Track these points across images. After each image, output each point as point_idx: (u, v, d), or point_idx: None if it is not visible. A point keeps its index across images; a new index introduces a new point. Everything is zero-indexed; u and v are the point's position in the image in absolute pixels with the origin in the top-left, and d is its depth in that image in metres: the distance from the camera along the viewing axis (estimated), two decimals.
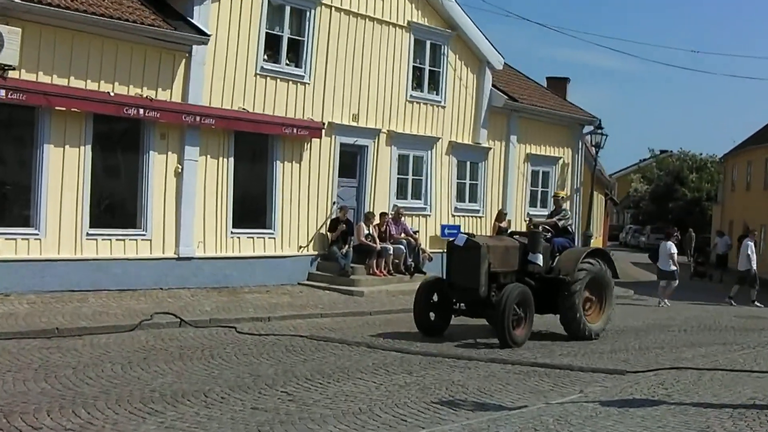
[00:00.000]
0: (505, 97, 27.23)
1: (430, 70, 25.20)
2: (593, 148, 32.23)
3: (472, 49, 26.01)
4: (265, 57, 20.87)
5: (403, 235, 23.31)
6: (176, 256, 19.14)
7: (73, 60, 17.21)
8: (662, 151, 78.92)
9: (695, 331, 18.68)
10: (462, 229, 25.83)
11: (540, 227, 16.98)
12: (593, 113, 31.58)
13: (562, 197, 18.52)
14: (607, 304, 16.93)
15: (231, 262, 20.23)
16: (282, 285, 20.96)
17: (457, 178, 26.33)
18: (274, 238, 21.18)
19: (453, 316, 16.20)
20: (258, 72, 20.66)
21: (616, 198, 65.19)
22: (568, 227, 17.82)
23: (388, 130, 23.89)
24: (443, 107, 25.61)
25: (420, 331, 15.71)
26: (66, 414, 8.77)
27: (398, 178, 24.48)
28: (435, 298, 16.17)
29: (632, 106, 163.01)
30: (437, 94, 25.48)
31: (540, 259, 15.99)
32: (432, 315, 16.09)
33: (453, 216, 25.95)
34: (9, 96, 15.99)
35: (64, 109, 17.02)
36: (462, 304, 15.93)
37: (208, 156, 19.72)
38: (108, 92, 17.63)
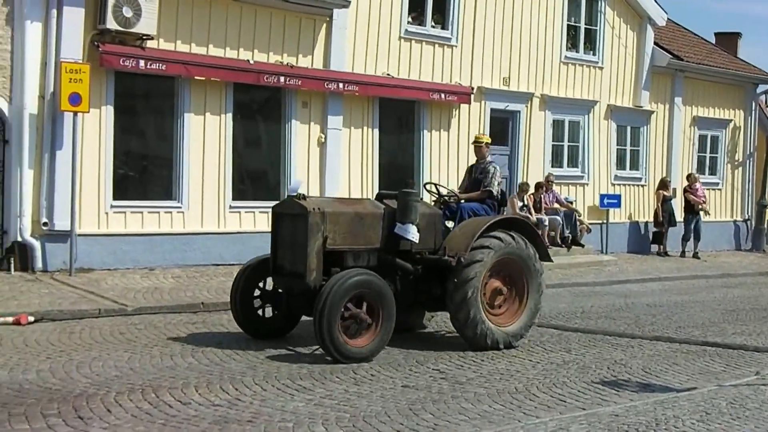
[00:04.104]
0: (669, 55, 26.49)
1: (585, 28, 24.73)
2: None
3: (631, 4, 25.40)
4: (410, 19, 20.90)
5: (556, 205, 23.13)
6: None
7: (211, 28, 17.64)
8: None
9: None
10: (622, 200, 25.49)
11: (437, 189, 13.45)
12: None
13: (486, 143, 13.84)
14: (530, 297, 12.38)
15: None
16: None
17: (617, 144, 25.83)
18: None
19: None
20: (402, 35, 20.71)
21: None
22: (494, 190, 13.26)
23: (541, 94, 23.60)
24: (601, 68, 25.13)
25: (244, 332, 11.94)
26: (214, 390, 9.03)
27: (553, 145, 24.19)
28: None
29: None
30: (594, 54, 25.02)
31: (412, 233, 11.48)
32: (264, 309, 12.11)
33: (613, 184, 25.48)
34: (148, 66, 16.52)
35: (203, 78, 17.49)
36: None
37: (352, 124, 19.97)
38: (248, 60, 18.02)
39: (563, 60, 24.14)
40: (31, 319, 12.36)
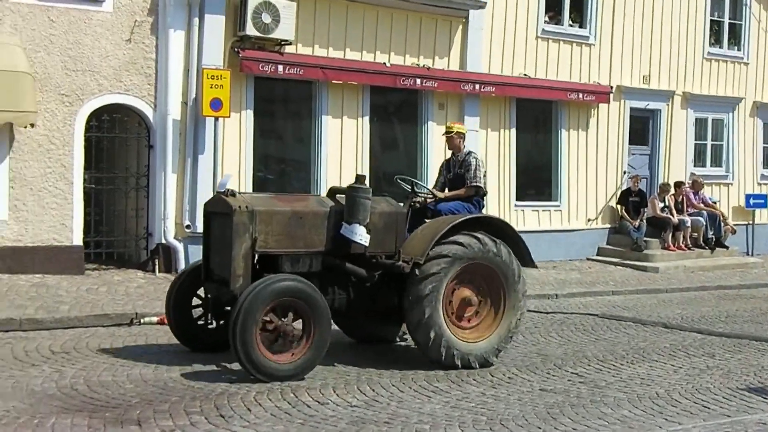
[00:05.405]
0: None
1: (730, 23, 24.15)
2: None
3: None
4: (546, 18, 20.73)
5: (701, 205, 22.62)
6: None
7: (348, 32, 17.82)
8: None
9: None
10: None
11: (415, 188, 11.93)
12: None
13: (458, 132, 12.45)
14: (507, 309, 10.76)
15: None
16: (569, 260, 20.78)
17: (764, 143, 25.07)
18: (561, 211, 21.04)
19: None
20: (539, 35, 20.54)
21: None
22: (478, 185, 11.85)
23: (683, 92, 23.09)
24: (746, 64, 24.43)
25: (180, 343, 10.86)
26: (351, 390, 9.14)
27: (695, 144, 23.66)
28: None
29: None
30: (739, 49, 24.34)
31: (360, 234, 10.05)
32: (210, 320, 10.91)
33: (759, 184, 24.76)
34: (286, 71, 16.79)
35: (340, 82, 17.69)
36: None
37: (489, 125, 19.90)
38: (384, 63, 18.15)
39: (706, 56, 23.56)
40: None
